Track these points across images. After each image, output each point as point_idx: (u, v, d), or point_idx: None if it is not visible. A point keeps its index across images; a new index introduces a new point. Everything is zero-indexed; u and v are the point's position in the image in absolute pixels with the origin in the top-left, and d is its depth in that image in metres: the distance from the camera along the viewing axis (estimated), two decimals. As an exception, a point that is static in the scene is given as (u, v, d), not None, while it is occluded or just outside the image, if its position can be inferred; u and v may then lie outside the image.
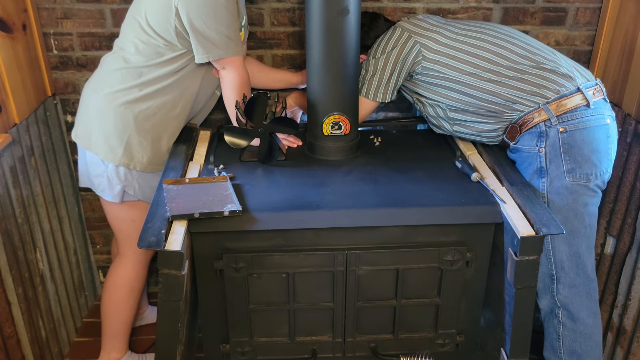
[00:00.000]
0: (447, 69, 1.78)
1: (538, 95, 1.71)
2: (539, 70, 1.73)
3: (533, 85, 1.72)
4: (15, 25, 1.90)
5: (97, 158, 1.81)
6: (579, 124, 1.68)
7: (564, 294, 1.78)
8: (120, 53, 1.79)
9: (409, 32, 1.81)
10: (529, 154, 1.74)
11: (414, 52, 1.80)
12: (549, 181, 1.71)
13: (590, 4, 2.16)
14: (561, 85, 1.71)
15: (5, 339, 1.79)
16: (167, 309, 1.47)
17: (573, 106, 1.68)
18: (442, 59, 1.78)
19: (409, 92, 1.93)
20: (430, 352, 1.80)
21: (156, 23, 1.72)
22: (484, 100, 1.76)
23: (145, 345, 2.26)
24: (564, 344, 1.82)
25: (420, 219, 1.61)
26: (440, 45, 1.78)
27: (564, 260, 1.75)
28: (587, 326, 1.79)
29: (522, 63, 1.74)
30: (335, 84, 1.80)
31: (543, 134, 1.70)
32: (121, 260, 1.98)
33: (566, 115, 1.68)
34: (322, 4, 1.68)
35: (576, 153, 1.68)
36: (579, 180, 1.69)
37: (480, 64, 1.75)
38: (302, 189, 1.69)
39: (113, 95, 1.76)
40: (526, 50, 1.76)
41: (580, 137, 1.68)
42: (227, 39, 1.73)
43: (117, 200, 1.85)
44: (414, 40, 1.80)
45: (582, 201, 1.71)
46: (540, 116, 1.70)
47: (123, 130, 1.77)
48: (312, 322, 1.75)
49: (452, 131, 1.90)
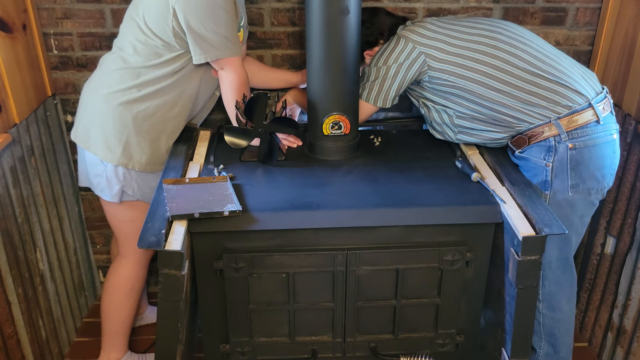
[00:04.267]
0: (455, 77, 1.72)
1: (549, 109, 1.68)
2: (552, 83, 1.68)
3: (545, 99, 1.68)
4: (15, 25, 1.90)
5: (96, 158, 1.81)
6: (589, 141, 1.67)
7: (549, 289, 1.82)
8: (119, 53, 1.79)
9: (413, 43, 1.74)
10: (535, 166, 1.73)
11: (419, 63, 1.74)
12: (551, 194, 1.72)
13: (590, 4, 2.16)
14: (573, 101, 1.67)
15: (5, 339, 1.79)
16: (167, 309, 1.47)
17: (584, 122, 1.66)
18: (450, 67, 1.71)
19: (416, 96, 1.89)
20: (430, 352, 1.80)
21: (154, 24, 1.72)
22: (493, 110, 1.72)
23: (145, 345, 2.26)
24: (545, 329, 1.90)
25: (420, 219, 1.61)
26: (446, 54, 1.72)
27: (553, 261, 1.78)
28: (564, 312, 1.87)
29: (534, 73, 1.68)
30: (335, 84, 1.80)
31: (552, 149, 1.69)
32: (121, 260, 1.98)
33: (576, 132, 1.67)
34: (322, 3, 1.68)
35: (582, 170, 1.68)
36: (581, 195, 1.71)
37: (490, 72, 1.69)
38: (302, 189, 1.69)
39: (112, 96, 1.76)
40: (538, 59, 1.70)
41: (588, 154, 1.68)
42: (224, 39, 1.73)
43: (116, 200, 1.85)
44: (418, 51, 1.73)
45: (579, 213, 1.75)
46: (550, 131, 1.68)
47: (122, 131, 1.77)
48: (312, 322, 1.75)
49: (456, 139, 1.86)
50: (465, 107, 1.76)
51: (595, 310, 2.22)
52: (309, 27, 1.75)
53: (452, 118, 1.81)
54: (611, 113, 1.74)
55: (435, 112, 1.84)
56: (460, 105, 1.77)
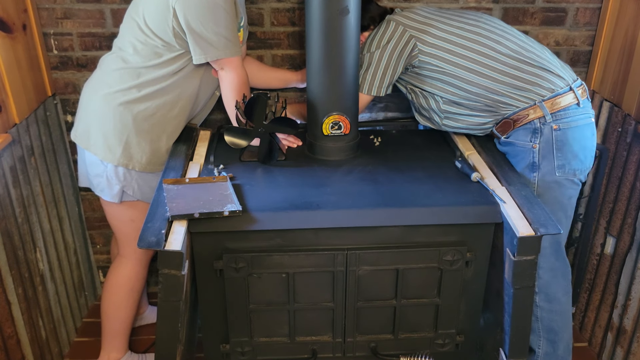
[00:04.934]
0: (444, 62, 1.78)
1: (533, 92, 1.75)
2: (534, 68, 1.75)
3: (528, 83, 1.75)
4: (15, 25, 1.90)
5: (96, 158, 1.81)
6: (571, 122, 1.75)
7: (544, 278, 1.85)
8: (119, 53, 1.80)
9: (403, 26, 1.79)
10: (523, 149, 1.78)
11: (410, 46, 1.78)
12: (540, 176, 1.77)
13: (590, 4, 2.16)
14: (555, 84, 1.75)
15: (5, 339, 1.79)
16: (167, 309, 1.47)
17: (566, 104, 1.74)
18: (439, 52, 1.77)
19: (403, 83, 1.93)
20: (430, 352, 1.80)
21: (154, 24, 1.72)
22: (480, 95, 1.78)
23: (145, 345, 2.26)
24: (543, 324, 1.92)
25: (420, 219, 1.61)
26: (436, 39, 1.78)
27: (546, 247, 1.80)
28: (562, 304, 1.90)
29: (518, 59, 1.76)
30: (335, 84, 1.80)
31: (538, 131, 1.75)
32: (121, 260, 1.98)
33: (560, 114, 1.74)
34: (322, 3, 1.68)
35: (567, 150, 1.75)
36: (567, 175, 1.77)
37: (477, 58, 1.76)
38: (302, 189, 1.69)
39: (112, 96, 1.76)
40: (520, 46, 1.78)
41: (571, 134, 1.75)
42: (224, 39, 1.73)
43: (116, 201, 1.85)
44: (409, 34, 1.78)
45: (567, 194, 1.80)
46: (535, 113, 1.74)
47: (122, 131, 1.77)
48: (312, 322, 1.75)
49: (442, 125, 1.91)
50: (452, 93, 1.82)
51: (595, 310, 2.22)
52: (309, 27, 1.75)
53: (439, 104, 1.86)
54: (588, 99, 1.82)
55: (422, 98, 1.89)
56: (447, 92, 1.82)
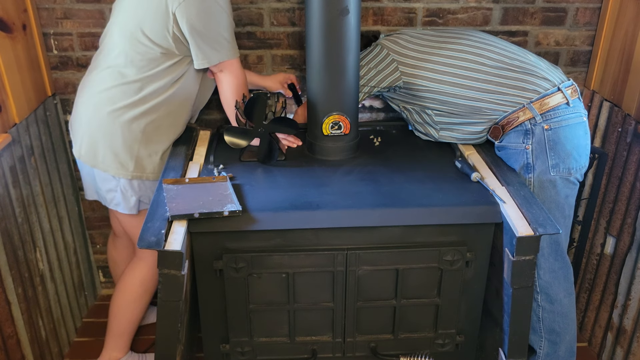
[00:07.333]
0: (427, 81, 1.82)
1: (519, 96, 1.77)
2: (517, 73, 1.78)
3: (513, 88, 1.77)
4: (15, 25, 1.90)
5: (108, 174, 1.80)
6: (562, 122, 1.76)
7: (545, 279, 1.84)
8: (114, 69, 1.75)
9: (387, 50, 1.86)
10: (516, 151, 1.80)
11: (391, 68, 1.85)
12: (535, 176, 1.78)
13: (590, 4, 2.16)
14: (540, 86, 1.77)
15: (5, 339, 1.79)
16: (167, 309, 1.47)
17: (555, 104, 1.76)
18: (421, 72, 1.82)
19: (396, 102, 1.99)
20: (430, 352, 1.80)
21: (153, 32, 1.70)
22: (467, 105, 1.82)
23: (145, 345, 2.26)
24: (544, 324, 1.91)
25: (420, 219, 1.61)
26: (416, 61, 1.83)
27: (544, 247, 1.81)
28: (564, 306, 1.89)
29: (500, 67, 1.79)
30: (335, 84, 1.80)
31: (529, 132, 1.76)
32: (138, 262, 1.97)
33: (549, 114, 1.75)
34: (322, 4, 1.68)
35: (560, 149, 1.76)
36: (562, 174, 1.77)
37: (459, 72, 1.80)
38: (302, 189, 1.69)
39: (117, 112, 1.74)
40: (502, 55, 1.81)
41: (563, 133, 1.76)
42: (225, 42, 1.73)
43: (135, 212, 1.86)
44: (391, 57, 1.85)
45: (563, 193, 1.80)
46: (525, 115, 1.76)
47: (132, 145, 1.77)
48: (312, 322, 1.75)
49: (439, 137, 1.94)
50: (441, 105, 1.85)
51: (595, 310, 2.22)
52: (309, 27, 1.75)
53: (431, 117, 1.90)
54: (579, 99, 1.82)
55: (415, 113, 1.94)
56: (437, 105, 1.86)
